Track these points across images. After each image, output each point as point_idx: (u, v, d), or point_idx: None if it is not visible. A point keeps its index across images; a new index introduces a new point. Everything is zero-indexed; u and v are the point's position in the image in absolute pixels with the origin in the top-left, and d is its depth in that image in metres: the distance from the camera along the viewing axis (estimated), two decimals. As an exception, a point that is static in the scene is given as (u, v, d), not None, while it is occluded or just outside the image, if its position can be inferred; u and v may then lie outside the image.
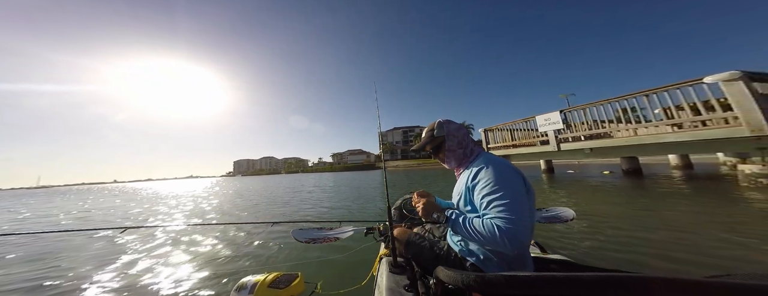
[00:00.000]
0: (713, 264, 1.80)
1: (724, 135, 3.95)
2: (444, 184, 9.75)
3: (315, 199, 7.46)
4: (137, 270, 2.38)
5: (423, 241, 1.09)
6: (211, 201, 8.56)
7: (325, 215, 4.85)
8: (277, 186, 14.60)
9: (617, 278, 0.42)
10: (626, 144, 5.41)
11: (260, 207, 6.52)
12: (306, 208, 5.77)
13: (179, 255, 2.75)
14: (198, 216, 5.66)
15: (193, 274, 2.18)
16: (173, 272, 2.26)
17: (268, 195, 9.70)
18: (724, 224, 2.65)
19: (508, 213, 0.69)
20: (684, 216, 3.18)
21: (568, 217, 1.71)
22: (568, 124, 6.73)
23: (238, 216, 5.33)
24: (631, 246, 2.19)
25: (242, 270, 2.21)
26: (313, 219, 4.33)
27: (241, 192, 12.05)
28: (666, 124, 4.82)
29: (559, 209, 1.83)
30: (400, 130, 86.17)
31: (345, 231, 1.69)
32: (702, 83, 3.98)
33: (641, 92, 4.80)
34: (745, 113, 3.66)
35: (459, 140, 0.98)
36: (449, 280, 0.62)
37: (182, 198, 9.95)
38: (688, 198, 4.21)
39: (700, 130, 4.28)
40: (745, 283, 0.38)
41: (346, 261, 2.10)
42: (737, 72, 3.64)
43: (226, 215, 5.57)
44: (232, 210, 6.06)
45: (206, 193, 12.17)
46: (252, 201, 7.74)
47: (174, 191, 16.31)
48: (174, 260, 2.59)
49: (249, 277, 1.23)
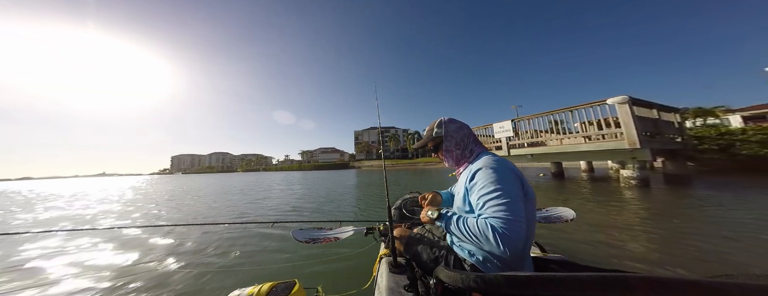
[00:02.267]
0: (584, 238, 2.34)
1: (614, 147, 5.14)
2: (419, 182, 10.11)
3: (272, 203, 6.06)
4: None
5: (423, 241, 1.08)
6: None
7: (326, 216, 4.54)
8: (217, 185, 13.06)
9: (617, 278, 0.42)
10: (556, 151, 6.58)
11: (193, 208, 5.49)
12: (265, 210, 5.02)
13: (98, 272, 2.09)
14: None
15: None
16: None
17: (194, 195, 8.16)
18: (606, 212, 3.56)
19: (504, 214, 0.68)
20: (583, 205, 4.01)
21: (568, 217, 1.71)
22: (516, 131, 7.90)
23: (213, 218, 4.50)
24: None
25: (221, 285, 1.85)
26: (312, 220, 3.98)
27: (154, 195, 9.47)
28: (581, 136, 6.06)
29: (559, 209, 1.83)
30: (376, 130, 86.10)
31: (345, 231, 1.67)
32: (605, 104, 5.17)
33: (567, 108, 5.94)
34: (627, 130, 4.85)
35: (457, 141, 0.98)
36: (449, 280, 0.62)
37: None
38: (588, 193, 5.33)
39: (601, 142, 5.47)
40: (744, 283, 0.38)
41: (345, 261, 2.05)
42: (626, 97, 4.82)
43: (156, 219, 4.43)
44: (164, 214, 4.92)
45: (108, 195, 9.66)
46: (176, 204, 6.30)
47: (59, 192, 12.82)
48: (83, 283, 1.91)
49: (237, 291, 1.09)
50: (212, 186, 13.81)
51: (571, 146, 6.06)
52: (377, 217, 3.91)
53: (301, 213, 4.87)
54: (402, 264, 1.09)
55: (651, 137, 5.48)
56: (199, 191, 10.56)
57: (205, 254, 2.55)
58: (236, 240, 2.97)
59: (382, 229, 1.49)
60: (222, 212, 5.26)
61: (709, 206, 3.60)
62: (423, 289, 0.87)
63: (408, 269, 1.03)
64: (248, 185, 13.34)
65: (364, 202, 5.83)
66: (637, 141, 4.71)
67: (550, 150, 6.77)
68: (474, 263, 0.84)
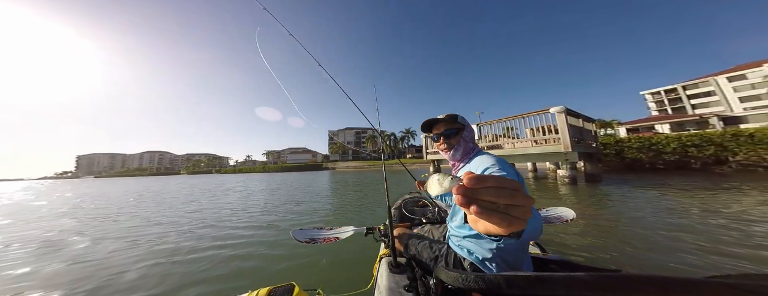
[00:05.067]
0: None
1: (553, 150, 6.27)
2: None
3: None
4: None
5: (423, 241, 1.09)
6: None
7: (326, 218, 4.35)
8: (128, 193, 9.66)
9: (616, 278, 0.42)
10: (510, 154, 7.65)
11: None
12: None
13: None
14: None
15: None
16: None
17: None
18: (551, 205, 4.40)
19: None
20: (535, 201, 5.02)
21: (568, 217, 1.71)
22: (480, 135, 8.89)
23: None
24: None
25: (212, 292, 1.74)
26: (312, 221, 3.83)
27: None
28: (530, 140, 7.19)
29: (559, 209, 1.83)
30: (353, 131, 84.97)
31: (345, 231, 1.67)
32: (548, 112, 6.29)
33: (520, 115, 7.03)
34: (563, 136, 6.00)
35: (472, 136, 1.04)
36: (449, 280, 0.62)
37: None
38: (537, 190, 6.40)
39: (544, 146, 6.62)
40: (743, 283, 0.38)
41: (345, 262, 2.06)
42: (563, 107, 5.97)
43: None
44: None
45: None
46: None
47: None
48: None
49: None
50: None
51: (522, 149, 7.12)
52: (376, 217, 3.90)
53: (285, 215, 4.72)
54: (402, 264, 1.08)
55: (578, 142, 6.79)
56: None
57: (186, 258, 2.37)
58: (223, 241, 2.87)
59: (382, 229, 1.48)
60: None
61: (614, 195, 4.78)
62: (423, 289, 0.85)
63: (408, 269, 1.03)
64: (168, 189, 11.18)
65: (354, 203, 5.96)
66: (569, 145, 5.81)
67: (505, 152, 7.81)
68: (473, 261, 0.85)
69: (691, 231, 2.49)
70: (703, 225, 2.67)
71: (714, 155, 9.16)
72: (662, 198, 4.24)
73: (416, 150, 61.96)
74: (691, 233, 2.42)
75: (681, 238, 2.29)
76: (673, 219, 2.93)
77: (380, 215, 4.12)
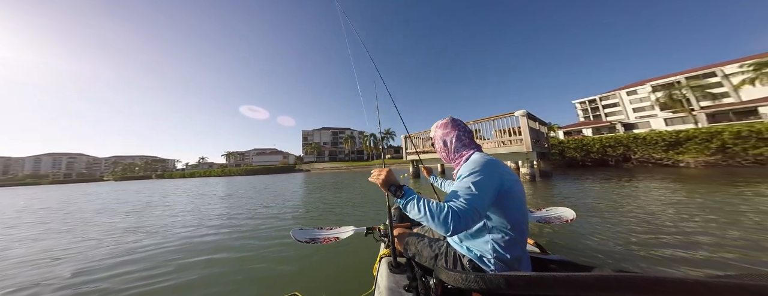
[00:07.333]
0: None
1: (517, 150, 7.20)
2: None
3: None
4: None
5: (422, 241, 1.10)
6: None
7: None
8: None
9: (616, 278, 0.42)
10: (479, 153, 8.47)
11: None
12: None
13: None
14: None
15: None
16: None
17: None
18: None
19: (464, 201, 0.73)
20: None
21: (569, 217, 1.73)
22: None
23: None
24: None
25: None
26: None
27: None
28: (498, 141, 8.09)
29: (559, 209, 1.84)
30: (330, 131, 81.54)
31: (345, 231, 1.67)
32: (514, 115, 7.18)
33: (488, 118, 7.83)
34: (525, 137, 6.94)
35: (444, 142, 1.06)
36: (449, 280, 0.63)
37: None
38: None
39: (510, 146, 7.52)
40: (744, 283, 0.39)
41: (345, 263, 2.06)
42: (525, 111, 6.89)
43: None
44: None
45: None
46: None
47: None
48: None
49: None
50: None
51: (492, 149, 7.96)
52: (375, 218, 3.91)
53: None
54: (402, 264, 1.09)
55: (535, 143, 7.90)
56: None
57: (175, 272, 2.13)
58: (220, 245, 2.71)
59: (382, 229, 1.49)
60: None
61: (564, 187, 5.77)
62: (423, 289, 0.86)
63: (408, 269, 1.04)
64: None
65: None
66: (530, 145, 6.74)
67: (475, 152, 8.62)
68: (472, 258, 0.88)
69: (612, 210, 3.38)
70: (620, 206, 3.64)
71: (623, 154, 11.54)
72: (594, 186, 5.36)
73: (395, 150, 62.88)
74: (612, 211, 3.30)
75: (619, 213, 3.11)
76: (607, 200, 3.86)
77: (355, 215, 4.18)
